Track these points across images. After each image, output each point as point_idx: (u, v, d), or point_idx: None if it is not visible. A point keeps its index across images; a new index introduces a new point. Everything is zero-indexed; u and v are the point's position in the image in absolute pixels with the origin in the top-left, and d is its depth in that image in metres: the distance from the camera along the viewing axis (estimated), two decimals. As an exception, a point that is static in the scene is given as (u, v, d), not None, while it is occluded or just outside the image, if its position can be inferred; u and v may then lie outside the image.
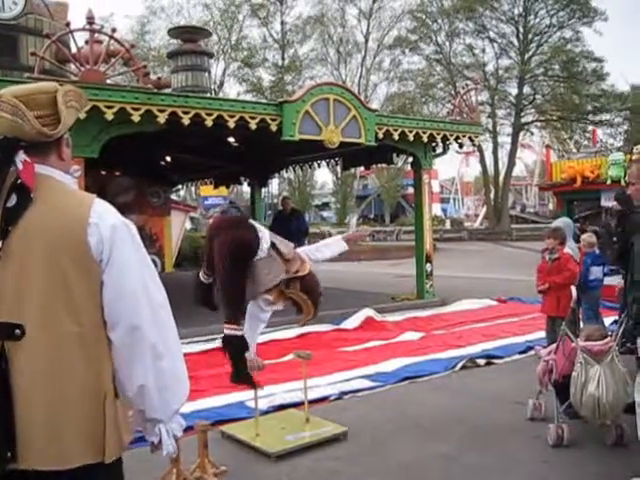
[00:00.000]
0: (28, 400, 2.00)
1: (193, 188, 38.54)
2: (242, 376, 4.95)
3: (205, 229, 35.89)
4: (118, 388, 2.16)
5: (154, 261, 20.46)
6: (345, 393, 6.58)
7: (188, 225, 36.41)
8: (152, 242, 20.50)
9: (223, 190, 35.37)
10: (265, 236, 4.90)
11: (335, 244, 5.59)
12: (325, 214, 68.21)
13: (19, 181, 2.06)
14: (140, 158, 16.78)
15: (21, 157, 2.09)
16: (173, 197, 26.06)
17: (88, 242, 2.05)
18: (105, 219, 2.10)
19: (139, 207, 19.95)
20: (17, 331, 2.00)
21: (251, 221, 5.13)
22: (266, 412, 5.90)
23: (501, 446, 5.03)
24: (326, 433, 5.24)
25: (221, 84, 40.56)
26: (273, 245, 4.91)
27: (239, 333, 4.82)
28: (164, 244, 20.93)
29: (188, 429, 4.98)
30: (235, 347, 4.85)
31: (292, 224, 13.59)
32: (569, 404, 4.91)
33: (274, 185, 53.92)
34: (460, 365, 7.57)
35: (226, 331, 4.78)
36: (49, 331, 2.02)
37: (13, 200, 2.06)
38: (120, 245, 2.11)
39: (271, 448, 4.93)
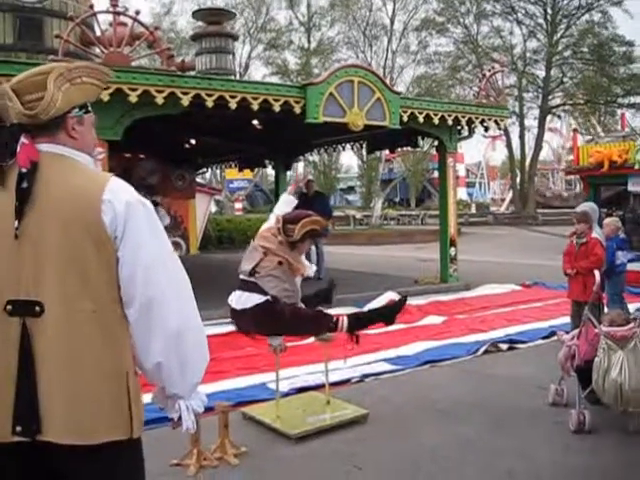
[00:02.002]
0: (50, 375, 2.01)
1: (218, 171, 38.71)
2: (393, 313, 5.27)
3: (229, 212, 36.06)
4: (137, 365, 2.17)
5: (179, 243, 20.62)
6: (367, 376, 6.59)
7: (213, 208, 36.61)
8: (177, 225, 20.62)
9: (248, 173, 35.51)
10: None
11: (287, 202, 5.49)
12: (350, 198, 68.01)
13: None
14: (165, 141, 16.84)
15: (22, 140, 2.09)
16: (198, 180, 26.16)
17: (102, 220, 2.05)
18: (119, 196, 2.10)
19: (164, 190, 20.07)
20: (37, 308, 2.01)
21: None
22: (287, 394, 5.92)
23: (522, 431, 5.02)
24: (347, 416, 5.26)
25: (246, 67, 40.53)
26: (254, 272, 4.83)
27: (346, 320, 4.98)
28: (189, 227, 21.04)
29: (209, 410, 5.05)
30: (361, 322, 5.12)
31: (315, 206, 13.55)
32: (591, 390, 4.88)
33: (299, 168, 54.09)
34: (482, 350, 7.55)
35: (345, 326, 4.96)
36: (67, 309, 2.03)
37: (26, 182, 2.06)
38: (135, 222, 2.10)
39: (291, 430, 4.95)
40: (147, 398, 2.30)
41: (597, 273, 5.79)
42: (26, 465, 2.10)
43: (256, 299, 4.69)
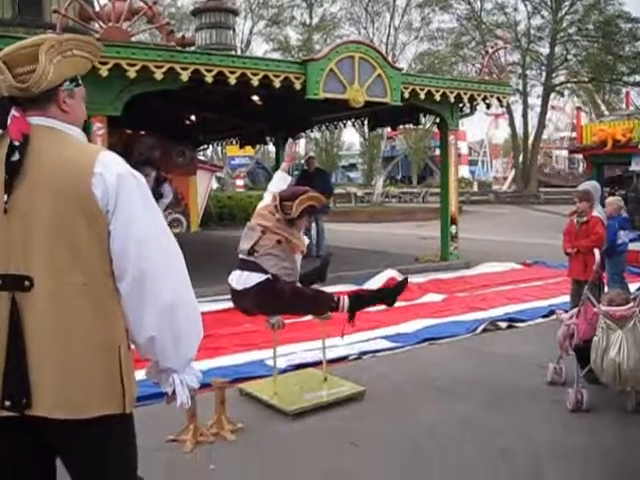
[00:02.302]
0: (40, 350, 2.00)
1: (219, 148, 38.56)
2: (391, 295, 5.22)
3: (231, 189, 35.98)
4: (130, 339, 2.15)
5: (179, 220, 20.58)
6: (364, 353, 6.58)
7: (215, 185, 36.52)
8: (178, 201, 20.56)
9: (249, 150, 35.37)
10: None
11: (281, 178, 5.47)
12: (352, 175, 67.84)
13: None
14: (165, 117, 16.76)
15: (12, 112, 2.06)
16: (199, 157, 26.06)
17: (93, 193, 2.03)
18: (110, 169, 2.07)
19: (165, 166, 19.97)
20: (26, 283, 1.99)
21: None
22: (285, 371, 5.92)
23: (520, 409, 5.01)
24: (344, 393, 5.25)
25: (248, 43, 40.27)
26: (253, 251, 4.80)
27: (347, 299, 4.94)
28: (190, 203, 21.00)
29: (205, 386, 5.04)
30: (362, 302, 5.09)
31: (316, 183, 13.48)
32: (589, 369, 4.86)
33: (301, 145, 53.88)
34: (482, 328, 7.54)
35: (346, 306, 4.92)
36: (57, 283, 2.01)
37: (16, 155, 2.03)
38: (126, 194, 2.07)
39: (288, 406, 4.94)
40: (141, 374, 2.28)
41: (597, 252, 5.75)
42: (15, 440, 2.08)
43: (257, 278, 4.66)
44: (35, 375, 1.99)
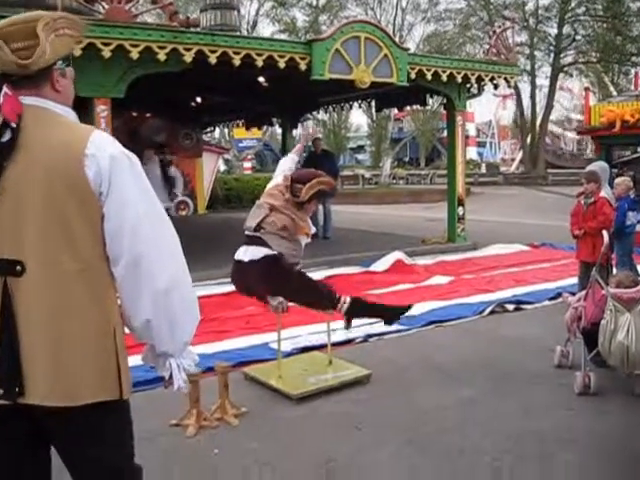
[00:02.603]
0: (33, 336, 1.96)
1: (226, 130, 38.48)
2: (391, 313, 5.17)
3: (238, 171, 35.91)
4: (126, 323, 2.12)
5: (186, 202, 20.54)
6: (370, 336, 6.52)
7: (222, 167, 36.44)
8: (184, 184, 20.53)
9: (257, 132, 35.27)
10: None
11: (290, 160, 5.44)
12: (360, 157, 67.67)
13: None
14: (171, 100, 16.69)
15: (4, 90, 2.01)
16: (207, 139, 25.98)
17: (86, 174, 1.98)
18: (103, 150, 2.02)
19: (171, 149, 19.95)
20: (18, 267, 1.95)
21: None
22: (290, 354, 5.88)
23: (526, 392, 4.96)
24: (349, 376, 5.21)
25: (254, 24, 40.02)
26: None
27: (348, 300, 4.91)
28: (196, 186, 20.93)
29: (209, 370, 5.02)
30: (362, 309, 5.06)
31: (323, 165, 13.39)
32: (597, 352, 4.79)
33: (309, 127, 53.68)
34: (489, 310, 7.47)
35: (345, 308, 4.89)
36: (49, 268, 1.97)
37: (7, 135, 1.98)
38: (120, 176, 2.03)
39: (293, 390, 4.90)
40: (138, 359, 2.27)
41: (605, 234, 5.67)
42: (9, 429, 2.05)
43: (265, 251, 4.67)
44: (28, 362, 1.96)
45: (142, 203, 2.07)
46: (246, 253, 4.78)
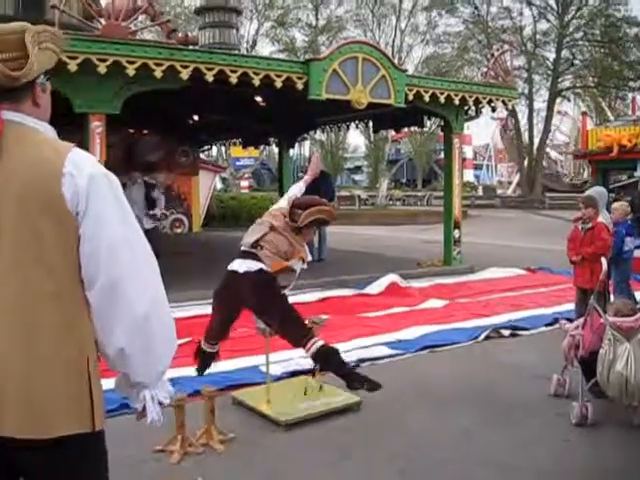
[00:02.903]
0: (3, 365, 1.84)
1: (223, 149, 38.49)
2: (358, 381, 4.72)
3: (235, 190, 35.87)
4: (99, 350, 2.00)
5: (181, 220, 20.44)
6: (363, 361, 6.38)
7: (219, 185, 36.39)
8: (180, 201, 20.46)
9: (254, 151, 35.27)
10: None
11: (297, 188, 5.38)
12: (357, 177, 67.87)
13: None
14: (168, 117, 16.65)
15: None
16: (204, 157, 25.93)
17: (63, 194, 1.88)
18: (81, 169, 1.91)
19: (167, 166, 19.89)
20: None
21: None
22: (280, 378, 5.75)
23: (521, 422, 4.83)
24: (339, 403, 5.08)
25: (254, 43, 40.18)
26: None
27: (319, 344, 4.61)
28: (192, 203, 20.86)
29: (196, 393, 4.89)
30: (330, 360, 4.73)
31: (319, 186, 13.28)
32: (595, 382, 4.67)
33: (306, 147, 53.78)
34: (484, 335, 7.35)
35: (312, 352, 4.61)
36: (21, 293, 1.86)
37: None
38: (97, 196, 1.92)
39: (281, 416, 4.77)
40: (111, 383, 2.14)
41: (604, 261, 5.57)
42: None
43: (260, 265, 4.62)
44: None
45: (120, 225, 1.97)
46: (242, 265, 4.71)
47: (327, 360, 4.69)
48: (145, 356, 1.99)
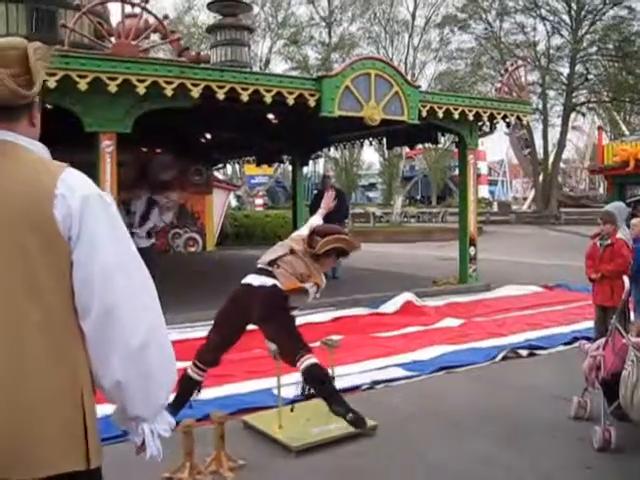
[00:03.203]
0: None
1: (237, 167, 38.53)
2: (344, 411, 4.42)
3: (249, 208, 35.90)
4: (95, 383, 1.88)
5: (195, 239, 20.39)
6: (377, 382, 6.24)
7: (234, 203, 36.38)
8: (193, 220, 20.43)
9: (268, 169, 35.27)
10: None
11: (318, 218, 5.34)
12: (371, 194, 67.80)
13: None
14: (181, 136, 16.64)
15: None
16: (219, 176, 25.92)
17: (54, 216, 1.77)
18: (75, 190, 1.81)
19: (181, 185, 19.86)
20: None
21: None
22: (293, 401, 5.60)
23: (541, 447, 4.66)
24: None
25: (267, 62, 40.27)
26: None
27: (311, 361, 4.41)
28: (206, 222, 20.82)
29: (206, 418, 4.76)
30: (319, 381, 4.50)
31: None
32: (618, 405, 4.49)
33: (320, 164, 53.78)
34: (501, 356, 7.18)
35: (302, 368, 4.42)
36: (8, 322, 1.74)
37: None
38: (91, 219, 1.81)
39: (293, 442, 4.63)
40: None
41: (626, 279, 5.41)
42: None
43: (275, 282, 4.57)
44: None
45: (116, 249, 1.86)
46: (256, 279, 4.66)
47: (315, 379, 4.46)
48: (143, 388, 1.88)
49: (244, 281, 4.74)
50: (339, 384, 5.49)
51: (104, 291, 1.80)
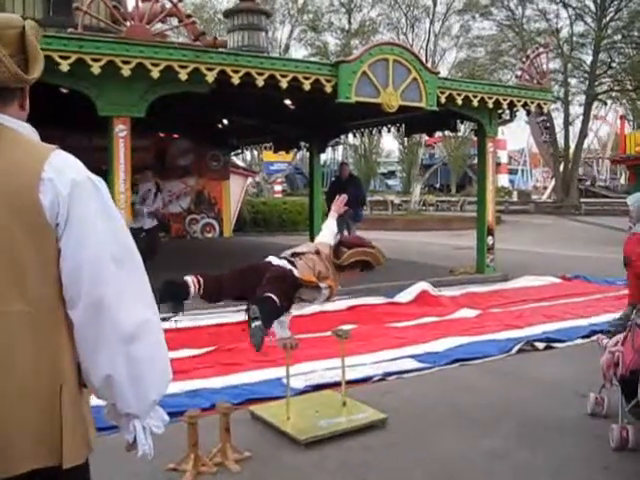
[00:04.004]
0: None
1: (255, 153, 38.48)
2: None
3: (267, 195, 35.85)
4: (84, 378, 1.79)
5: (212, 225, 20.34)
6: (389, 374, 6.11)
7: (253, 190, 36.33)
8: (210, 206, 20.40)
9: (287, 156, 35.14)
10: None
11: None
12: (390, 182, 67.53)
13: None
14: (199, 121, 16.57)
15: None
16: (238, 161, 25.86)
17: (40, 201, 1.67)
18: (63, 173, 1.71)
19: (198, 170, 19.84)
20: None
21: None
22: (303, 392, 5.52)
23: (556, 444, 4.52)
24: (363, 420, 4.81)
25: (287, 48, 40.08)
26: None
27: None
28: (223, 208, 20.77)
29: (213, 407, 4.68)
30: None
31: (348, 191, 13.06)
32: (636, 403, 4.33)
33: (339, 152, 53.59)
34: (517, 348, 7.02)
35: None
36: None
37: None
38: (81, 205, 1.72)
39: (301, 434, 4.52)
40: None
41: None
42: None
43: (294, 269, 4.50)
44: None
45: (107, 237, 1.76)
46: (276, 260, 4.64)
47: (264, 302, 4.16)
48: (134, 384, 1.79)
49: (265, 259, 4.72)
50: (350, 375, 5.41)
51: (93, 282, 1.72)
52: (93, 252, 1.72)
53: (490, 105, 11.18)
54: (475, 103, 10.93)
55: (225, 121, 16.39)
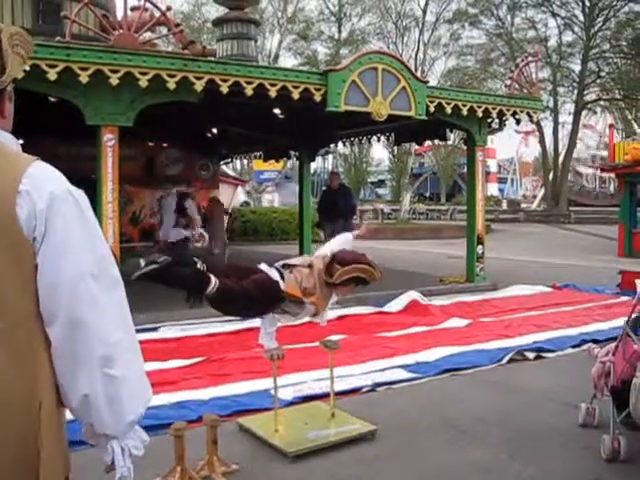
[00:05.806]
0: None
1: (245, 162, 38.41)
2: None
3: (256, 204, 35.78)
4: (62, 396, 1.73)
5: (202, 234, 20.25)
6: (379, 385, 6.06)
7: (243, 198, 36.25)
8: (200, 215, 20.27)
9: (278, 164, 35.09)
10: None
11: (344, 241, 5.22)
12: (380, 191, 67.66)
13: None
14: (188, 130, 16.50)
15: None
16: (228, 171, 25.77)
17: (16, 215, 1.61)
18: (41, 186, 1.64)
19: (187, 179, 19.73)
20: None
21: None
22: (291, 403, 5.46)
23: (547, 456, 4.47)
24: (352, 432, 4.75)
25: (276, 57, 40.06)
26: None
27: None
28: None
29: (200, 420, 4.61)
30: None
31: (339, 200, 13.06)
32: (628, 414, 4.29)
33: (329, 161, 53.59)
34: (507, 358, 6.98)
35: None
36: None
37: None
38: (59, 219, 1.65)
39: (289, 447, 4.46)
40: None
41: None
42: None
43: (281, 280, 4.40)
44: None
45: (86, 253, 1.69)
46: (265, 267, 4.53)
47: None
48: (111, 404, 1.73)
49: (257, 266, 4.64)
50: (339, 386, 5.36)
51: (71, 300, 1.66)
52: (72, 269, 1.66)
53: (479, 114, 11.18)
54: (464, 112, 10.92)
55: (215, 130, 16.32)
